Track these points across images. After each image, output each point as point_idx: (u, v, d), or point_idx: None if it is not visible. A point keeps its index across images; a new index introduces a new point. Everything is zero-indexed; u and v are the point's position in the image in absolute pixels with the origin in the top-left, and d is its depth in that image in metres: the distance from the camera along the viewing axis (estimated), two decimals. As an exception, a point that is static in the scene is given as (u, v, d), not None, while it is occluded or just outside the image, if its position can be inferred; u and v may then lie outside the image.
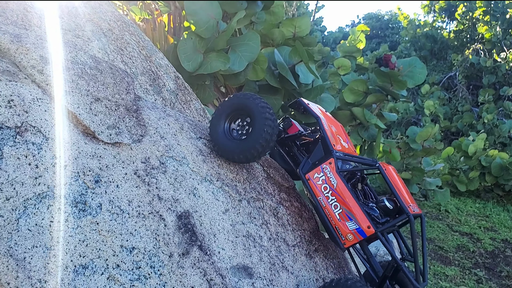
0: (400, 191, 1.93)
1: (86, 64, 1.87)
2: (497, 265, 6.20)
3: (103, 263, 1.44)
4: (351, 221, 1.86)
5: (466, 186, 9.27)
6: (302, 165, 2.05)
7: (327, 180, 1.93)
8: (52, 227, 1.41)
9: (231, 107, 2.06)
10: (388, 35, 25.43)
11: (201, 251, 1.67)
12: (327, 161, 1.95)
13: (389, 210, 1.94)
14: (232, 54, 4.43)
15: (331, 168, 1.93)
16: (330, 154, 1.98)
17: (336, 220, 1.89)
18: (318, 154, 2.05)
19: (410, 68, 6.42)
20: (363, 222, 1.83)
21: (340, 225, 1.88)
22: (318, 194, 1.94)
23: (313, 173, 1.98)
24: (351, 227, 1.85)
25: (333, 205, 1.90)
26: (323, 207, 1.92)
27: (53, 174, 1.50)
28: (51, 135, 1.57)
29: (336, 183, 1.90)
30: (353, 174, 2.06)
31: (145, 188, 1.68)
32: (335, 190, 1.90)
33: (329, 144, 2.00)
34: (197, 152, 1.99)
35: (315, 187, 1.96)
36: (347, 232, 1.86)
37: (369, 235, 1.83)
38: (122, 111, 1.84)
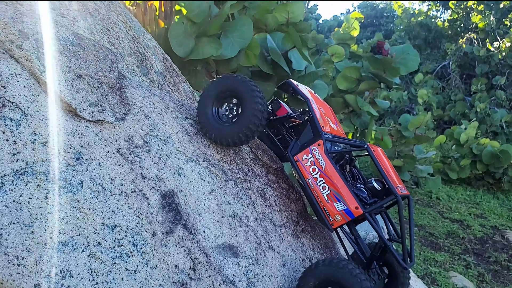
0: (388, 172, 1.91)
1: (68, 41, 1.83)
2: (485, 251, 6.26)
3: (83, 241, 1.41)
4: (339, 202, 1.85)
5: (457, 174, 9.33)
6: (291, 147, 2.03)
7: (316, 162, 1.91)
8: (31, 204, 1.38)
9: (219, 89, 2.02)
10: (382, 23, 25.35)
11: (185, 230, 1.65)
12: (315, 142, 1.94)
13: (377, 191, 1.93)
14: (224, 40, 4.37)
15: (319, 149, 1.91)
16: (319, 136, 1.96)
17: (324, 201, 1.88)
18: (307, 136, 2.03)
19: (403, 55, 6.40)
20: (351, 203, 1.83)
21: (328, 206, 1.87)
22: (306, 176, 1.93)
23: (301, 155, 1.96)
24: (339, 208, 1.85)
25: (321, 187, 1.89)
26: (312, 189, 1.91)
27: (32, 151, 1.47)
28: (30, 111, 1.54)
29: (324, 165, 1.89)
30: (341, 155, 2.04)
31: (128, 166, 1.66)
32: (323, 172, 1.89)
33: (318, 126, 1.98)
34: (182, 132, 1.96)
35: (303, 168, 1.94)
36: (335, 213, 1.85)
37: (356, 216, 1.82)
38: (105, 88, 1.80)
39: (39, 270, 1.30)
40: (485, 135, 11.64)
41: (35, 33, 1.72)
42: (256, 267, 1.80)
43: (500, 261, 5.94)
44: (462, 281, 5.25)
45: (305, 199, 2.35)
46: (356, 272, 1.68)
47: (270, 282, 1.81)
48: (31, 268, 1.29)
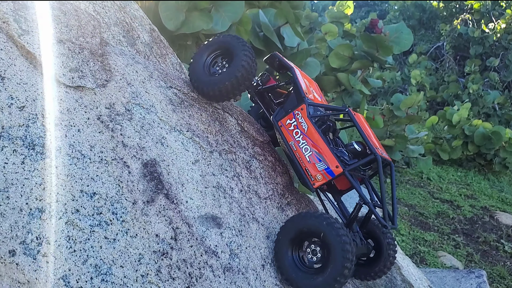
0: (369, 135, 1.96)
1: (48, 4, 1.76)
2: (475, 231, 6.33)
3: (61, 207, 1.38)
4: (320, 162, 1.89)
5: (448, 154, 9.37)
6: (276, 113, 2.08)
7: (299, 125, 1.96)
8: (6, 169, 1.34)
9: (214, 45, 2.10)
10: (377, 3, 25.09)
11: (167, 200, 1.63)
12: (299, 107, 1.98)
13: (358, 152, 1.96)
14: (215, 14, 4.28)
15: (302, 113, 1.96)
16: (302, 101, 2.00)
17: (306, 162, 1.92)
18: (292, 103, 2.07)
19: (396, 33, 6.33)
20: (332, 162, 1.86)
21: (310, 166, 1.91)
22: (289, 139, 1.98)
23: (285, 120, 2.01)
24: (320, 168, 1.89)
25: (303, 148, 1.93)
26: (294, 151, 1.96)
27: (8, 115, 1.42)
28: (7, 75, 1.49)
29: (307, 128, 1.94)
30: (324, 121, 2.06)
31: (109, 134, 1.62)
32: (305, 134, 1.94)
33: (301, 91, 2.02)
34: (166, 101, 1.92)
35: (287, 132, 1.99)
36: (316, 173, 1.89)
37: (337, 174, 1.85)
38: (87, 54, 1.75)
39: (14, 236, 1.27)
40: (477, 116, 11.67)
41: (12, -5, 1.65)
42: (240, 238, 1.78)
43: (489, 241, 6.02)
44: (451, 260, 5.31)
45: (291, 173, 2.33)
46: (336, 225, 1.70)
47: (253, 254, 1.80)
48: (6, 234, 1.26)
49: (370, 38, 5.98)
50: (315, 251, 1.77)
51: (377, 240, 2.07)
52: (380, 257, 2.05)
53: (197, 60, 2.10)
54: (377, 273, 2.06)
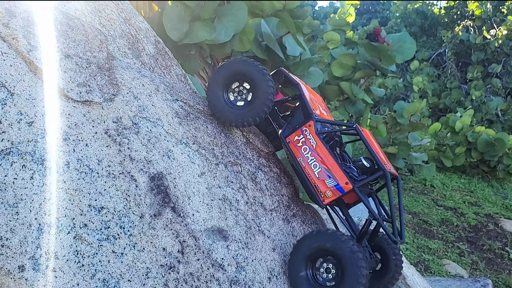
0: (376, 151, 1.98)
1: (56, 20, 1.79)
2: (479, 239, 6.30)
3: (69, 222, 1.39)
4: (329, 179, 1.90)
5: (452, 161, 9.34)
6: (283, 129, 2.09)
7: (307, 142, 1.97)
8: (16, 184, 1.35)
9: (229, 73, 2.05)
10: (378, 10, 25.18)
11: (174, 213, 1.64)
12: (306, 123, 1.99)
13: (367, 168, 1.98)
14: (219, 24, 4.31)
15: (310, 130, 1.97)
16: (309, 117, 2.01)
17: (316, 178, 1.93)
18: (298, 119, 2.08)
19: (399, 43, 6.35)
20: (341, 178, 1.88)
21: (319, 183, 1.93)
22: (298, 155, 1.98)
23: (293, 136, 2.02)
24: (330, 184, 1.90)
25: (312, 165, 1.94)
26: (303, 167, 1.96)
27: (18, 131, 1.44)
28: (16, 90, 1.51)
29: (315, 144, 1.95)
30: (331, 137, 2.09)
31: (116, 148, 1.63)
32: (314, 151, 1.95)
33: (308, 108, 2.03)
34: (172, 114, 1.93)
35: (295, 148, 2.00)
36: (326, 189, 1.91)
37: (347, 191, 1.88)
38: (94, 69, 1.77)
39: (23, 252, 1.28)
40: (480, 123, 11.65)
41: (22, 11, 1.68)
42: (246, 251, 1.79)
43: (494, 249, 5.99)
44: (456, 268, 5.29)
45: (296, 184, 2.34)
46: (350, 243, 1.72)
47: (260, 266, 1.81)
48: (15, 249, 1.28)
49: (373, 48, 6.01)
50: (329, 269, 1.79)
51: (383, 252, 2.08)
52: (387, 269, 2.06)
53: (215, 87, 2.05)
54: (385, 285, 2.07)
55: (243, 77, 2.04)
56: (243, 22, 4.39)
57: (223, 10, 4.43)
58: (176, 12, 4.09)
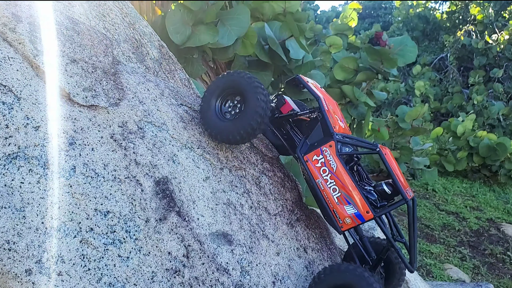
0: (398, 177, 1.87)
1: (62, 25, 1.80)
2: (481, 243, 6.29)
3: (75, 226, 1.40)
4: (349, 205, 1.82)
5: (454, 166, 9.34)
6: (300, 146, 1.98)
7: (327, 163, 1.87)
8: (23, 189, 1.36)
9: (222, 86, 1.97)
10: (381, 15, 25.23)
11: (179, 217, 1.64)
12: (327, 143, 1.88)
13: (387, 195, 1.88)
14: (221, 28, 4.34)
15: (331, 151, 1.86)
16: (330, 137, 1.90)
17: (334, 203, 1.85)
18: (317, 135, 1.97)
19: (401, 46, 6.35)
20: (363, 207, 1.80)
21: (338, 209, 1.84)
22: (316, 177, 1.88)
23: (312, 155, 1.91)
24: (350, 212, 1.82)
25: (331, 189, 1.85)
26: (321, 190, 1.87)
27: (24, 135, 1.45)
28: (23, 95, 1.51)
29: (336, 167, 1.85)
30: (351, 157, 2.00)
31: (122, 152, 1.64)
32: (334, 174, 1.85)
33: (329, 127, 1.92)
34: (177, 118, 1.94)
35: (313, 169, 1.89)
36: (345, 216, 1.83)
37: (367, 220, 1.80)
38: (99, 73, 1.78)
39: (30, 255, 1.29)
40: (482, 127, 11.65)
41: (28, 16, 1.69)
42: (250, 255, 1.79)
43: (496, 253, 5.98)
44: (457, 273, 5.28)
45: (300, 188, 2.34)
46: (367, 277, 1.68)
47: (264, 271, 1.81)
48: (22, 253, 1.28)
49: (375, 51, 6.01)
50: None
51: (387, 258, 2.06)
52: (393, 275, 2.05)
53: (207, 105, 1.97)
54: None
55: (235, 90, 1.94)
56: (246, 26, 4.41)
57: (226, 14, 4.45)
58: (179, 15, 4.11)
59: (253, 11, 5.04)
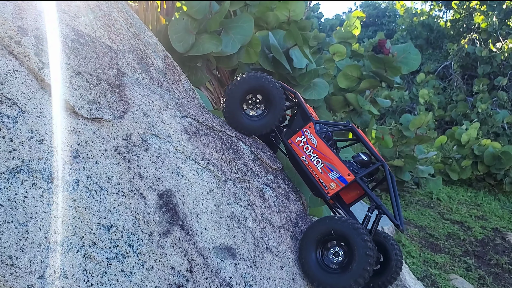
0: (373, 147, 2.19)
1: (67, 37, 1.80)
2: (486, 253, 6.23)
3: (79, 241, 1.39)
4: (332, 172, 2.09)
5: (458, 174, 9.29)
6: (284, 133, 2.29)
7: (308, 141, 2.17)
8: (26, 203, 1.35)
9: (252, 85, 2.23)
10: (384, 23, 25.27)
11: (182, 231, 1.63)
12: (307, 125, 2.20)
13: (365, 162, 2.17)
14: (225, 36, 4.35)
15: (311, 131, 2.18)
16: (308, 120, 2.22)
17: (319, 173, 2.12)
18: (298, 123, 2.28)
19: (404, 54, 6.36)
20: (344, 170, 2.07)
21: (323, 177, 2.11)
22: (301, 154, 2.19)
23: (295, 137, 2.22)
24: (333, 177, 2.09)
25: (315, 161, 2.14)
26: (306, 165, 2.16)
27: (28, 148, 1.44)
28: (27, 108, 1.51)
29: (316, 143, 2.15)
30: (328, 138, 2.25)
31: (126, 165, 1.63)
32: (316, 149, 2.15)
33: (307, 112, 2.24)
34: (181, 130, 1.94)
35: (297, 149, 2.20)
36: (330, 181, 2.09)
37: (349, 182, 2.05)
38: (104, 86, 1.78)
39: (33, 271, 1.28)
40: (486, 136, 11.61)
41: (34, 29, 1.69)
42: (254, 269, 1.78)
43: (501, 263, 5.91)
44: (463, 283, 5.22)
45: (304, 200, 2.33)
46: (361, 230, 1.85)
47: (268, 285, 1.79)
48: (25, 269, 1.27)
49: (378, 59, 6.02)
50: (337, 253, 1.93)
51: (385, 252, 2.13)
52: (387, 268, 2.10)
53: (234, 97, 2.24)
54: (383, 282, 2.12)
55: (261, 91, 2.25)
56: (249, 34, 4.42)
57: (229, 23, 4.46)
58: (182, 24, 4.12)
59: (257, 20, 5.06)
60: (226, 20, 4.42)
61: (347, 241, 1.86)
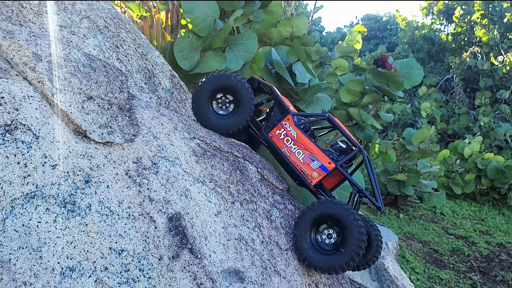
0: (349, 134, 2.25)
1: (79, 62, 1.84)
2: (492, 269, 6.20)
3: (91, 266, 1.41)
4: (313, 162, 2.16)
5: (462, 189, 9.28)
6: (264, 127, 2.32)
7: (288, 134, 2.22)
8: (40, 228, 1.38)
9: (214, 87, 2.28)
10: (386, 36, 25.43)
11: (191, 254, 1.65)
12: (285, 118, 2.25)
13: (344, 149, 2.26)
14: (229, 53, 4.40)
15: (289, 123, 2.23)
16: (286, 113, 2.26)
17: (301, 164, 2.18)
18: (276, 116, 2.32)
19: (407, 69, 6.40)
20: (324, 159, 2.14)
21: (305, 167, 2.18)
22: (282, 147, 2.23)
23: (275, 131, 2.26)
24: (315, 166, 2.16)
25: (296, 152, 2.20)
26: (288, 157, 2.22)
27: (42, 174, 1.47)
28: (41, 133, 1.55)
29: (296, 134, 2.21)
30: (307, 129, 2.33)
31: (136, 189, 1.66)
32: (296, 140, 2.21)
33: (284, 105, 2.28)
34: (190, 152, 1.97)
35: (278, 141, 2.25)
36: (312, 171, 2.16)
37: (331, 170, 2.13)
38: (115, 110, 1.81)
39: (46, 297, 1.30)
40: (489, 149, 11.60)
41: (48, 55, 1.73)
42: (262, 291, 1.79)
43: (507, 280, 5.88)
44: (468, 300, 5.20)
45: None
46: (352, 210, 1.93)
47: (275, 306, 1.80)
48: (39, 294, 1.29)
49: (381, 74, 6.06)
50: (330, 235, 2.00)
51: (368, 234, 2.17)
52: (370, 249, 2.16)
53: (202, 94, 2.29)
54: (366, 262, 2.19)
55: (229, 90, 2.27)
56: (253, 51, 4.47)
57: (233, 40, 4.52)
58: (187, 42, 4.17)
59: (260, 36, 5.12)
60: (231, 37, 4.48)
61: (340, 223, 1.94)
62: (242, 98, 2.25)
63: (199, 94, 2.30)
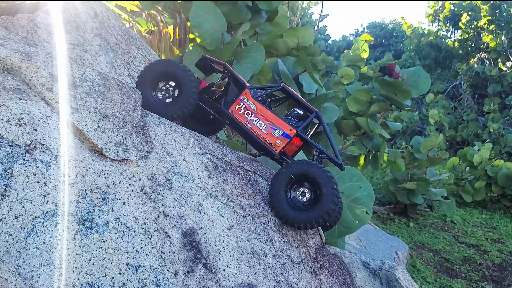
0: (304, 100, 2.38)
1: (94, 81, 1.89)
2: (505, 278, 6.14)
3: (109, 281, 1.45)
4: (275, 130, 2.26)
5: (472, 196, 9.22)
6: (223, 104, 2.37)
7: (248, 107, 2.30)
8: (60, 245, 1.42)
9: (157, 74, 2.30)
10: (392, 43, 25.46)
11: (206, 269, 1.68)
12: (242, 93, 2.32)
13: (301, 115, 2.38)
14: (237, 66, 4.46)
15: (247, 97, 2.31)
16: (243, 88, 2.34)
17: (264, 134, 2.27)
18: (233, 92, 2.38)
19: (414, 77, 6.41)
20: (285, 127, 2.25)
21: (268, 137, 2.27)
22: (243, 121, 2.30)
23: (234, 106, 2.32)
24: (277, 134, 2.26)
25: (257, 124, 2.28)
26: (250, 129, 2.29)
27: (61, 192, 1.52)
28: (59, 152, 1.59)
29: (255, 107, 2.29)
30: (264, 101, 2.41)
31: (151, 205, 1.70)
32: (256, 112, 2.29)
33: (240, 80, 2.36)
34: (202, 167, 2.01)
35: (239, 116, 2.31)
36: (275, 139, 2.26)
37: (292, 136, 2.24)
38: (130, 127, 1.86)
39: (67, 313, 1.33)
40: (499, 156, 11.53)
41: (64, 76, 1.78)
42: (275, 304, 1.81)
43: (521, 289, 5.83)
44: (481, 310, 5.15)
45: (321, 233, 2.37)
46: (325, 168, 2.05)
47: (289, 319, 1.82)
48: (60, 311, 1.33)
49: (388, 83, 6.08)
50: (304, 193, 2.10)
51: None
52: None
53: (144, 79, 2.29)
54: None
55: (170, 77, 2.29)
56: (260, 63, 4.52)
57: (241, 53, 4.57)
58: (196, 55, 4.23)
59: (267, 47, 5.17)
60: (238, 50, 4.54)
61: (314, 180, 2.05)
62: (183, 84, 2.26)
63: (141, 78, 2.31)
